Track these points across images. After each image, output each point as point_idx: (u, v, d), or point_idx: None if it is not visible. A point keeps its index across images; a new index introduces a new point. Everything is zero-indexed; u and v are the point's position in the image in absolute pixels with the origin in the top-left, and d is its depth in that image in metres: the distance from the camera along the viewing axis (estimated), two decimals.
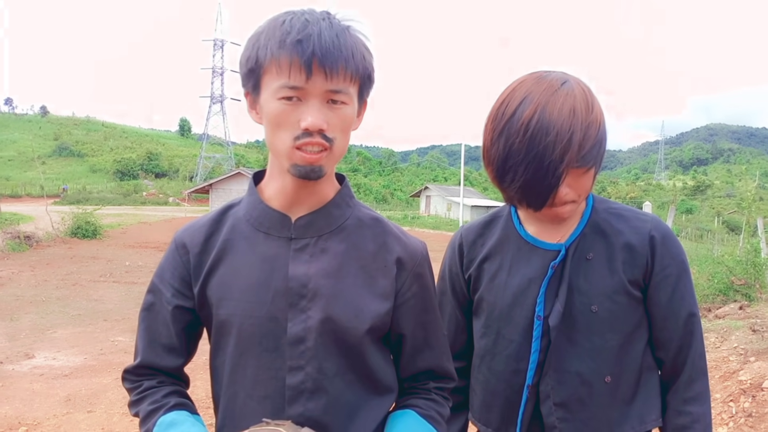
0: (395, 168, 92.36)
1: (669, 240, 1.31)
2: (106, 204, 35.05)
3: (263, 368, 1.09)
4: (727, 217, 50.49)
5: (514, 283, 1.34)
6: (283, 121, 1.01)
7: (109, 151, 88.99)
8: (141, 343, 1.17)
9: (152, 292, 1.18)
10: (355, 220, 1.17)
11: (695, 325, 1.31)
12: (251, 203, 1.15)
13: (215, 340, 1.15)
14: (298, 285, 1.09)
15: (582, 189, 1.24)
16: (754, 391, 4.32)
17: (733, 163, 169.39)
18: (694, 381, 1.31)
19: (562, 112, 1.16)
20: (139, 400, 1.13)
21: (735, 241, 16.46)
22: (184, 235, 1.18)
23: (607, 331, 1.28)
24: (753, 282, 9.05)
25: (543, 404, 1.31)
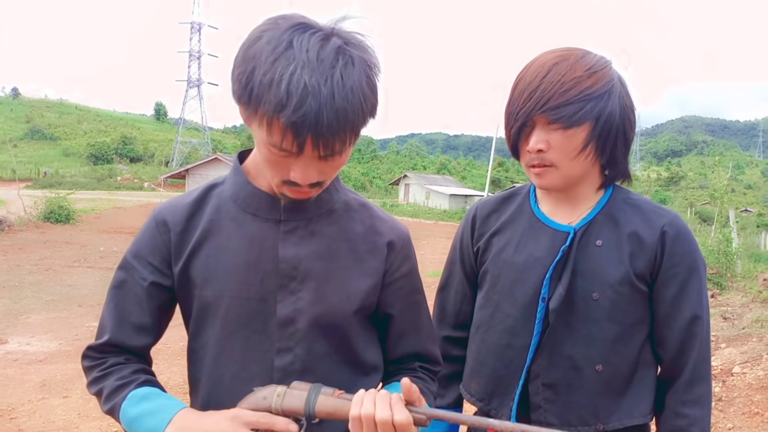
0: (374, 156, 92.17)
1: (683, 237, 1.29)
2: (80, 188, 34.39)
3: (251, 349, 1.09)
4: (699, 208, 51.35)
5: (520, 260, 1.34)
6: (273, 165, 0.99)
7: (82, 134, 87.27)
8: (110, 322, 1.12)
9: (124, 269, 1.13)
10: (343, 204, 1.17)
11: (699, 328, 1.28)
12: (238, 184, 1.13)
13: (196, 322, 1.13)
14: (289, 267, 1.09)
15: (562, 151, 1.24)
16: (725, 377, 4.44)
17: (707, 155, 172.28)
18: (694, 384, 1.28)
19: (543, 66, 1.23)
20: (103, 376, 1.08)
21: (707, 231, 16.76)
22: (165, 212, 1.15)
23: (606, 320, 1.27)
24: (724, 271, 9.26)
25: (531, 383, 1.32)
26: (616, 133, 1.26)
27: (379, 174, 76.52)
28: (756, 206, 74.11)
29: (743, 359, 4.60)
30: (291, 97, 0.88)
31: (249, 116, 0.97)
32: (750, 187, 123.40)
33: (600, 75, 1.23)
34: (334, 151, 0.95)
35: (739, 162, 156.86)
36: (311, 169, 0.98)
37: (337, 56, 0.91)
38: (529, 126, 1.25)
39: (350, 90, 0.91)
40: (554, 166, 1.25)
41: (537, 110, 1.21)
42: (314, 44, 0.91)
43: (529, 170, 1.30)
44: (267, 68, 0.89)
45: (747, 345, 4.97)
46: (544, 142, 1.23)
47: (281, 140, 0.93)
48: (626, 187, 1.39)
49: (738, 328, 5.58)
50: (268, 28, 0.94)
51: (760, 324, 5.52)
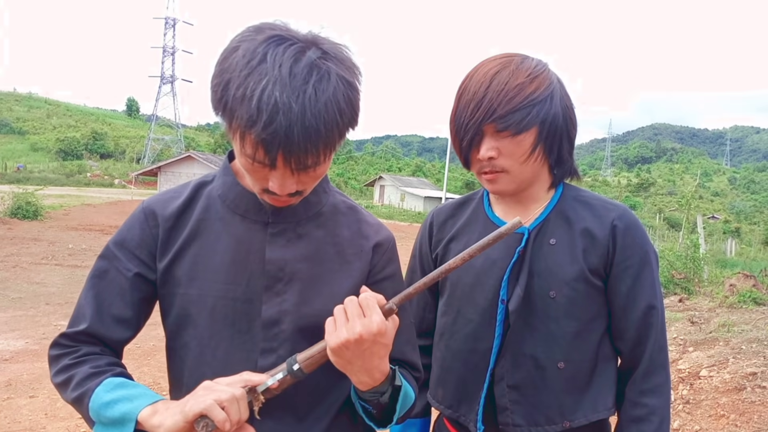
0: (350, 156, 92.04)
1: (633, 230, 1.31)
2: (48, 184, 33.70)
3: (235, 349, 1.08)
4: (668, 214, 52.42)
5: (478, 264, 1.35)
6: (251, 174, 1.00)
7: (51, 129, 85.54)
8: (88, 311, 1.09)
9: (107, 258, 1.12)
10: (331, 206, 1.18)
11: (655, 318, 1.30)
12: (227, 184, 1.14)
13: (178, 321, 1.11)
14: (275, 268, 1.09)
15: (512, 156, 1.27)
16: (692, 380, 4.53)
17: (676, 162, 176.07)
18: (651, 373, 1.30)
19: (485, 76, 1.26)
20: (75, 364, 1.05)
21: (675, 237, 17.11)
22: (155, 205, 1.14)
23: (564, 317, 1.29)
24: (692, 276, 9.46)
25: (497, 385, 1.32)
26: (560, 134, 1.30)
27: (354, 175, 76.46)
28: (723, 213, 75.92)
29: (710, 363, 4.70)
30: (261, 113, 0.88)
31: (226, 126, 0.98)
32: (717, 195, 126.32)
33: (541, 79, 1.27)
34: (306, 165, 0.95)
35: (707, 169, 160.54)
36: (288, 180, 0.98)
37: (311, 71, 0.90)
38: (478, 135, 1.27)
39: (323, 106, 0.90)
40: (505, 172, 1.28)
41: (486, 120, 1.24)
42: (288, 59, 0.90)
43: (481, 177, 1.33)
44: (240, 82, 0.89)
45: (714, 349, 5.08)
46: (494, 149, 1.26)
47: (254, 153, 0.94)
48: (575, 185, 1.43)
49: (705, 333, 5.71)
50: (245, 39, 0.93)
51: (726, 328, 5.65)
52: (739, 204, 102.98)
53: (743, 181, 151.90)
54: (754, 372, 4.26)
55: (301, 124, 0.89)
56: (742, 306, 6.94)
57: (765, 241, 24.93)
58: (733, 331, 5.52)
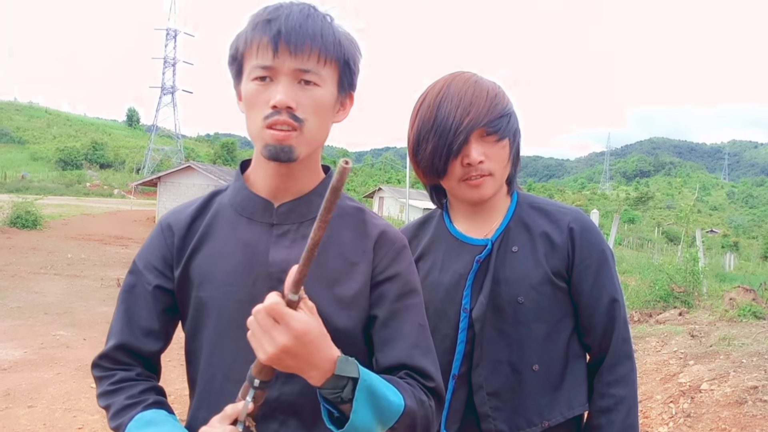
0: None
1: (588, 231, 1.37)
2: (48, 194, 33.72)
3: (241, 351, 1.08)
4: (666, 228, 52.46)
5: (446, 280, 1.39)
6: (255, 102, 1.05)
7: (51, 138, 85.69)
8: (119, 324, 1.15)
9: (133, 273, 1.18)
10: (338, 209, 1.15)
11: (617, 311, 1.36)
12: (236, 189, 1.18)
13: (193, 324, 1.15)
14: (279, 270, 1.09)
15: (497, 160, 1.33)
16: (693, 393, 4.52)
17: (674, 176, 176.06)
18: (617, 364, 1.35)
19: (466, 84, 1.33)
20: (113, 391, 1.10)
21: (674, 251, 17.12)
22: (170, 218, 1.20)
23: (533, 321, 1.33)
24: (692, 290, 9.45)
25: (476, 394, 1.34)
26: (518, 146, 1.41)
27: (353, 187, 76.42)
28: (721, 227, 75.96)
29: (711, 376, 4.69)
30: (267, 10, 1.03)
31: (240, 69, 1.08)
32: (715, 209, 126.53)
33: (504, 93, 1.37)
34: (303, 51, 1.02)
35: (705, 184, 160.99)
36: (287, 88, 1.03)
37: (308, 6, 1.06)
38: (465, 141, 1.31)
39: (322, 18, 1.05)
40: (491, 175, 1.34)
41: (478, 124, 1.29)
42: (296, 4, 1.06)
43: (462, 184, 1.35)
44: (248, 24, 1.06)
45: (714, 362, 5.07)
46: (483, 153, 1.32)
47: (257, 50, 1.02)
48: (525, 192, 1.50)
49: (705, 346, 5.70)
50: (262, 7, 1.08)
51: (726, 342, 5.64)
52: (737, 218, 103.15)
53: (741, 196, 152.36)
54: (755, 386, 4.25)
55: (299, 15, 1.03)
56: (742, 320, 6.94)
57: (763, 255, 24.95)
58: (734, 345, 5.52)
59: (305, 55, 1.02)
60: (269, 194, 1.15)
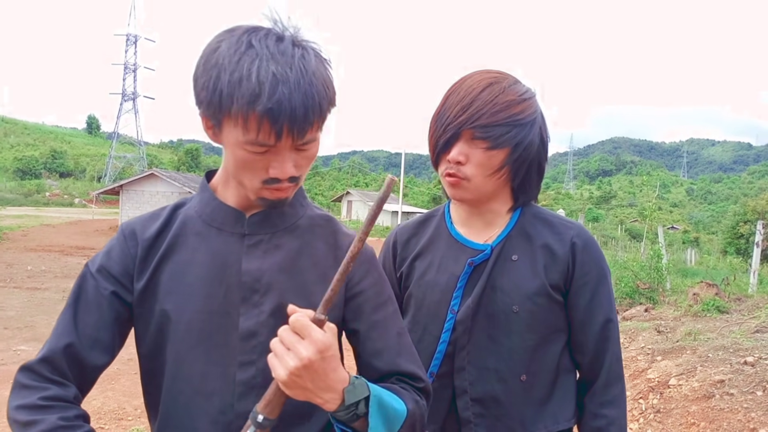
0: (316, 172, 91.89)
1: (590, 247, 1.36)
2: (6, 204, 32.77)
3: (212, 364, 1.06)
4: (629, 225, 53.52)
5: (442, 281, 1.37)
6: (250, 167, 1.01)
7: (9, 148, 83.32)
8: (66, 328, 1.05)
9: (85, 277, 1.10)
10: (308, 219, 1.17)
11: (611, 331, 1.35)
12: (204, 200, 1.14)
13: (155, 339, 1.09)
14: (252, 279, 1.08)
15: (480, 167, 1.30)
16: (662, 389, 4.59)
17: (635, 175, 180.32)
18: (610, 385, 1.34)
19: (481, 82, 1.30)
20: (44, 407, 0.98)
21: (637, 247, 17.45)
22: (135, 225, 1.15)
23: (526, 331, 1.32)
24: (656, 286, 9.65)
25: (459, 399, 1.33)
26: (530, 163, 1.34)
27: (321, 191, 76.25)
28: (682, 223, 77.88)
29: (679, 371, 4.77)
30: (263, 86, 0.92)
31: (219, 122, 0.99)
32: (676, 206, 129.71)
33: (528, 104, 1.31)
34: (306, 134, 0.98)
35: (665, 181, 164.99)
36: (288, 161, 1.01)
37: (294, 48, 0.97)
38: (454, 137, 1.30)
39: (313, 75, 0.97)
40: (468, 180, 1.31)
41: (468, 124, 1.27)
42: (271, 40, 0.97)
43: (444, 179, 1.35)
44: (233, 68, 0.94)
45: (682, 357, 5.16)
46: (464, 155, 1.29)
47: (257, 132, 0.95)
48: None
49: (672, 341, 5.80)
50: (224, 38, 0.98)
51: (692, 337, 5.76)
52: (697, 214, 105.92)
53: (700, 192, 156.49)
54: (722, 379, 4.33)
55: (299, 91, 0.94)
56: (706, 314, 7.10)
57: (723, 250, 25.61)
58: (700, 340, 5.63)
59: (308, 134, 0.99)
60: (240, 205, 1.12)
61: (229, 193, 1.13)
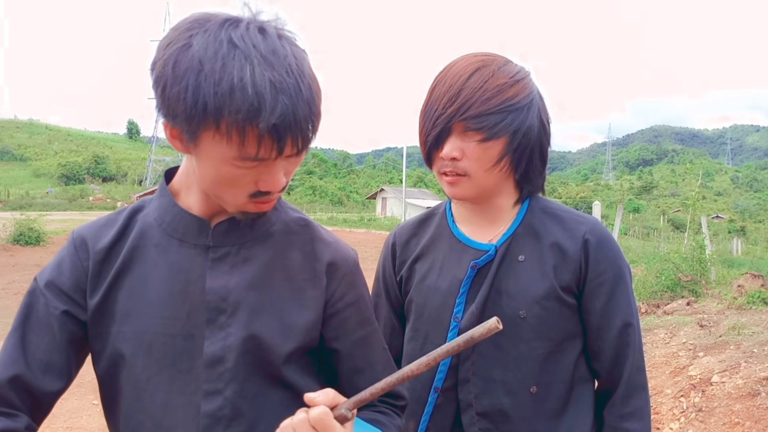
0: (351, 170, 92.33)
1: (605, 244, 1.24)
2: (50, 209, 33.79)
3: (176, 393, 0.96)
4: (671, 216, 52.30)
5: (444, 285, 1.27)
6: (235, 182, 0.90)
7: (53, 154, 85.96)
8: (12, 355, 0.95)
9: (34, 294, 0.99)
10: (282, 225, 1.06)
11: (631, 336, 1.23)
12: (163, 206, 1.02)
13: (110, 364, 0.98)
14: (217, 298, 0.97)
15: (477, 161, 1.19)
16: (704, 386, 4.43)
17: (677, 164, 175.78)
18: (630, 396, 1.23)
19: (468, 68, 1.18)
20: None
21: (680, 238, 17.00)
22: (86, 234, 1.02)
23: (535, 338, 1.21)
24: (699, 278, 9.35)
25: (464, 413, 1.23)
26: (532, 148, 1.23)
27: (356, 188, 76.58)
28: (727, 212, 75.71)
29: (722, 368, 4.60)
30: (262, 98, 0.80)
31: (195, 135, 0.86)
32: (720, 194, 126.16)
33: (522, 85, 1.19)
34: (308, 143, 0.89)
35: (708, 170, 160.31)
36: (280, 172, 0.91)
37: (282, 43, 0.85)
38: (445, 132, 1.19)
39: (308, 76, 0.87)
40: (467, 176, 1.20)
41: (458, 117, 1.16)
42: (255, 35, 0.84)
43: (441, 177, 1.25)
44: (219, 75, 0.80)
45: (725, 353, 4.98)
46: (458, 150, 1.18)
47: (257, 149, 0.84)
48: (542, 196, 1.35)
49: (715, 336, 5.60)
50: (194, 32, 0.84)
51: (736, 331, 5.55)
52: (742, 203, 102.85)
53: (746, 180, 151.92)
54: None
55: (301, 100, 0.84)
56: (752, 307, 6.84)
57: None
58: (744, 334, 5.42)
59: (307, 145, 0.91)
60: (203, 212, 1.00)
61: (192, 199, 1.00)
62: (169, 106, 0.85)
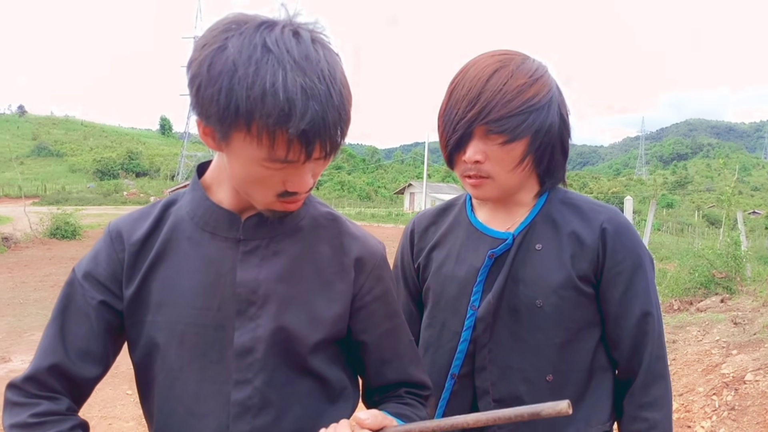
0: (379, 165, 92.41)
1: (624, 232, 1.24)
2: (86, 204, 34.57)
3: (207, 382, 0.99)
4: (707, 211, 51.16)
5: (461, 273, 1.29)
6: (264, 182, 0.93)
7: (88, 150, 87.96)
8: (52, 344, 1.00)
9: (72, 285, 1.03)
10: (311, 219, 1.08)
11: (650, 325, 1.23)
12: (196, 200, 1.05)
13: (145, 352, 1.03)
14: (247, 291, 1.00)
15: (500, 163, 1.19)
16: (737, 384, 4.35)
17: (713, 158, 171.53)
18: (650, 385, 1.23)
19: (486, 69, 1.18)
20: (35, 425, 0.95)
21: (715, 234, 16.63)
22: (121, 227, 1.06)
23: (552, 327, 1.22)
24: (734, 275, 9.15)
25: (481, 400, 1.25)
26: (553, 144, 1.24)
27: (384, 183, 76.59)
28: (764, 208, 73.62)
29: (756, 366, 4.50)
30: (293, 104, 0.82)
31: (227, 135, 0.88)
32: (757, 189, 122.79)
33: (541, 84, 1.19)
34: (336, 148, 0.91)
35: (745, 164, 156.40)
36: (308, 174, 0.94)
37: (316, 48, 0.86)
38: (467, 136, 1.19)
39: (339, 82, 0.88)
40: (491, 178, 1.21)
41: (479, 121, 1.16)
42: (289, 39, 0.85)
43: (464, 180, 1.26)
44: (252, 79, 0.82)
45: (759, 351, 4.87)
46: (481, 153, 1.19)
47: (287, 152, 0.86)
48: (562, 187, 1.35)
49: (749, 334, 5.48)
50: (230, 34, 0.85)
51: None
52: None
53: None
54: None
55: (332, 107, 0.86)
56: None
57: None
58: None
59: (337, 149, 0.92)
60: (234, 206, 1.03)
61: (223, 193, 1.03)
62: (203, 106, 0.88)
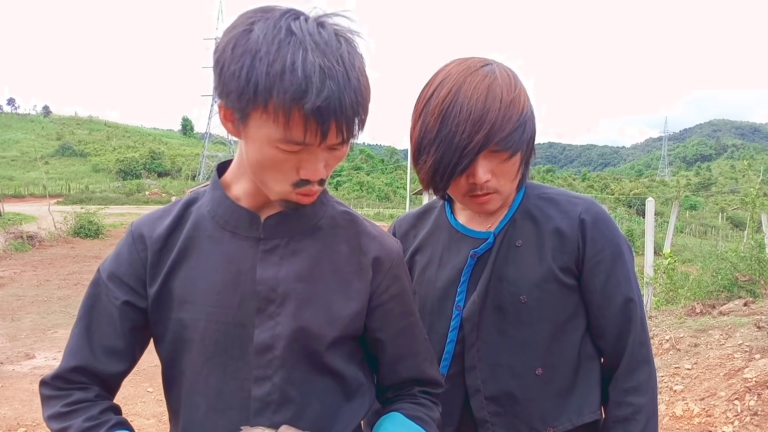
0: (398, 166, 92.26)
1: (601, 222, 1.25)
2: (109, 203, 35.09)
3: (228, 378, 1.02)
4: (731, 213, 50.30)
5: (444, 276, 1.29)
6: (279, 167, 0.94)
7: (111, 150, 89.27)
8: (78, 343, 1.03)
9: (98, 285, 1.06)
10: (329, 219, 1.09)
11: (633, 312, 1.24)
12: (216, 199, 1.06)
13: (171, 348, 1.05)
14: (267, 289, 1.02)
15: (505, 177, 1.20)
16: (760, 389, 4.28)
17: (737, 159, 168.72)
18: (633, 370, 1.24)
19: (477, 91, 1.15)
20: (68, 413, 0.99)
21: (739, 237, 16.35)
22: (143, 227, 1.08)
23: (537, 321, 1.23)
24: (758, 278, 8.99)
25: (473, 398, 1.26)
26: (533, 142, 1.25)
27: (403, 184, 76.49)
28: None
29: None
30: (310, 81, 0.84)
31: (246, 115, 0.90)
32: None
33: (520, 90, 1.19)
34: (352, 134, 0.92)
35: None
36: (320, 161, 0.94)
37: (338, 38, 0.89)
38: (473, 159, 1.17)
39: (358, 69, 0.90)
40: (497, 192, 1.22)
41: (488, 144, 1.14)
42: (312, 27, 0.88)
43: (467, 199, 1.24)
44: (273, 56, 0.85)
45: None
46: (489, 171, 1.19)
47: (304, 131, 0.87)
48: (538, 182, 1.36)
49: None
50: (257, 19, 0.89)
51: None
52: None
53: None
54: None
55: (349, 87, 0.87)
56: None
57: None
58: None
59: (352, 135, 0.93)
60: (254, 205, 1.04)
61: (242, 192, 1.05)
62: (225, 84, 0.90)
